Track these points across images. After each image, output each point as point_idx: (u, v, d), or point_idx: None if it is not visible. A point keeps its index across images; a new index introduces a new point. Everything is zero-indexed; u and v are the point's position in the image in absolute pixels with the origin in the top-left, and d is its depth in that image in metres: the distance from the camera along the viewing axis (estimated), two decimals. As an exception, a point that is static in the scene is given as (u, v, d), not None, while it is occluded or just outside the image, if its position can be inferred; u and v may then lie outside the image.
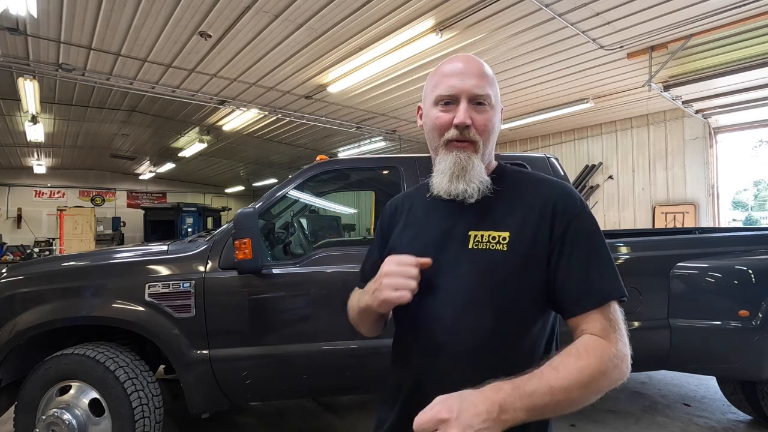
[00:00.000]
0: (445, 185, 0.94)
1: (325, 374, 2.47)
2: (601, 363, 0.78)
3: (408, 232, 1.03)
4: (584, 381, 0.77)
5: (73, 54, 5.99)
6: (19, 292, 2.45)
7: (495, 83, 0.97)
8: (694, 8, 4.67)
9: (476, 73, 0.93)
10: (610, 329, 0.83)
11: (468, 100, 0.92)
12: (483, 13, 4.90)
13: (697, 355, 2.69)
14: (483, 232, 0.92)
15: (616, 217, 9.26)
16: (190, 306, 2.36)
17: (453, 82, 0.93)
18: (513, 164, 1.12)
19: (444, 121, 0.94)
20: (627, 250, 2.81)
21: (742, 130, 8.02)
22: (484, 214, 0.94)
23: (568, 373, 0.76)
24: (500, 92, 1.05)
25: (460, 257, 0.92)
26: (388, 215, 1.13)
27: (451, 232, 0.95)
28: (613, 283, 0.87)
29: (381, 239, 1.12)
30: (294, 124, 9.49)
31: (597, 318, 0.84)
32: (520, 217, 0.92)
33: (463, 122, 0.91)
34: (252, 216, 2.27)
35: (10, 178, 15.03)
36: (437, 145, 0.97)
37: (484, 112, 0.94)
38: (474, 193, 0.93)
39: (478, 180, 0.93)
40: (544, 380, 0.75)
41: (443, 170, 0.95)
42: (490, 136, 0.95)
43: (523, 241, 0.89)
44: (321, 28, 5.30)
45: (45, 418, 2.22)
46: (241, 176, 16.87)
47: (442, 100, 0.94)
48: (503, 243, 0.89)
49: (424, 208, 1.04)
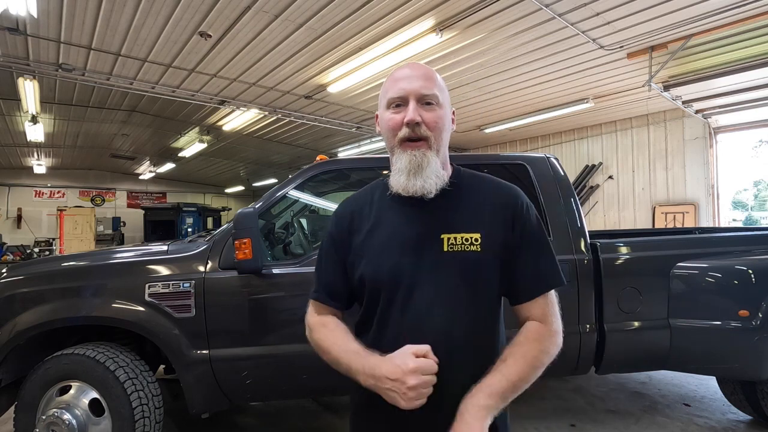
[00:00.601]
0: (403, 183, 0.99)
1: (325, 374, 2.45)
2: (541, 345, 0.97)
3: (376, 239, 1.04)
4: (533, 364, 0.95)
5: (73, 54, 5.99)
6: (19, 292, 2.45)
7: (443, 87, 1.04)
8: (694, 8, 4.67)
9: (422, 76, 1.00)
10: (549, 312, 1.00)
11: (416, 100, 0.98)
12: (483, 13, 4.90)
13: (697, 355, 2.69)
14: (456, 235, 0.99)
15: (616, 217, 9.26)
16: (190, 306, 2.36)
17: (401, 85, 1.00)
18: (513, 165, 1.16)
19: (396, 122, 1.00)
20: (627, 250, 2.81)
21: (742, 130, 8.02)
22: (451, 217, 1.01)
23: (520, 364, 0.94)
24: (500, 92, 1.09)
25: (438, 261, 0.98)
26: (344, 222, 1.11)
27: (423, 236, 1.00)
28: (555, 274, 1.02)
29: (338, 246, 1.10)
30: (294, 124, 9.49)
31: (540, 303, 1.00)
32: (487, 218, 1.01)
33: (413, 119, 0.97)
34: (252, 216, 2.27)
35: (10, 178, 15.03)
36: (393, 145, 1.02)
37: (433, 110, 1.00)
38: (432, 188, 0.98)
39: (435, 176, 0.98)
40: (505, 376, 0.92)
41: (400, 169, 0.99)
42: (441, 133, 1.01)
43: (493, 240, 0.99)
44: (321, 28, 5.30)
45: (45, 418, 2.22)
46: (241, 176, 16.87)
47: (393, 102, 1.01)
48: (476, 244, 0.98)
49: (388, 211, 1.06)
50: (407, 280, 0.98)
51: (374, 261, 1.03)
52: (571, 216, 2.73)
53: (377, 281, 1.02)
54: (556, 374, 3.60)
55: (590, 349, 2.65)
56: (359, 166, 3.17)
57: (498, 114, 8.66)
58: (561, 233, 2.68)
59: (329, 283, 1.11)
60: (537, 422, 3.16)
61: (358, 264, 1.05)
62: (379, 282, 1.01)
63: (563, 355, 2.99)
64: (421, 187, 0.97)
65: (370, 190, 1.14)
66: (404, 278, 0.98)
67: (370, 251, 1.04)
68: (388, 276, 1.00)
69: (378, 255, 1.02)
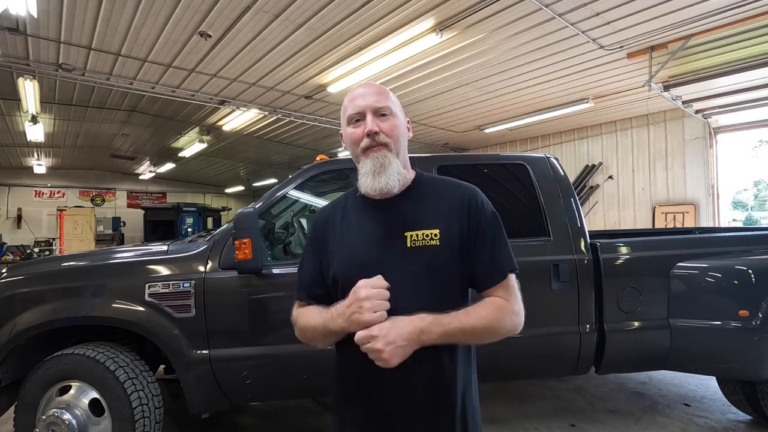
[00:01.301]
0: (370, 183, 1.10)
1: (325, 374, 2.46)
2: (500, 313, 1.06)
3: (346, 240, 1.15)
4: (486, 325, 1.04)
5: (73, 54, 5.99)
6: (19, 292, 2.46)
7: (395, 100, 1.17)
8: (694, 8, 4.67)
9: (375, 92, 1.14)
10: (510, 294, 1.10)
11: (372, 113, 1.11)
12: (483, 13, 4.90)
13: (697, 355, 2.69)
14: (417, 232, 1.09)
15: (616, 217, 9.26)
16: (190, 306, 2.36)
17: (357, 102, 1.13)
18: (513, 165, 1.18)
19: (357, 135, 1.13)
20: (627, 250, 2.81)
21: (742, 130, 8.02)
22: (414, 216, 1.12)
23: (476, 317, 1.03)
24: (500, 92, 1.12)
25: (402, 256, 1.08)
26: (320, 227, 1.23)
27: (389, 235, 1.11)
28: (510, 261, 1.12)
29: (316, 250, 1.21)
30: (294, 124, 9.49)
31: (501, 288, 1.10)
32: (445, 215, 1.12)
33: (371, 129, 1.10)
34: (252, 216, 2.27)
35: (10, 178, 15.03)
36: (357, 154, 1.14)
37: (387, 120, 1.13)
38: (395, 185, 1.10)
39: (396, 173, 1.10)
40: (458, 319, 1.01)
41: (366, 172, 1.11)
42: (398, 138, 1.13)
43: (451, 234, 1.09)
44: (321, 28, 5.30)
45: (45, 418, 2.22)
46: (241, 176, 16.87)
47: (352, 119, 1.14)
48: (436, 239, 1.08)
49: (357, 214, 1.17)
50: (374, 275, 1.05)
51: (344, 260, 1.13)
52: (571, 216, 2.73)
53: (347, 280, 1.08)
54: (556, 374, 3.61)
55: (590, 349, 2.65)
56: (359, 166, 3.17)
57: (498, 114, 8.66)
58: (561, 233, 2.68)
59: (310, 284, 1.21)
60: (537, 422, 3.16)
61: (331, 265, 1.15)
62: (349, 280, 1.07)
63: (563, 355, 2.98)
64: (385, 184, 1.08)
65: (344, 197, 1.25)
66: (371, 275, 1.04)
67: (341, 252, 1.14)
68: (357, 273, 1.06)
69: (347, 255, 1.13)
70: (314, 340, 1.14)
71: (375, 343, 0.95)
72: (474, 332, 1.03)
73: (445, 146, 11.21)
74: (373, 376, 1.03)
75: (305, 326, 1.15)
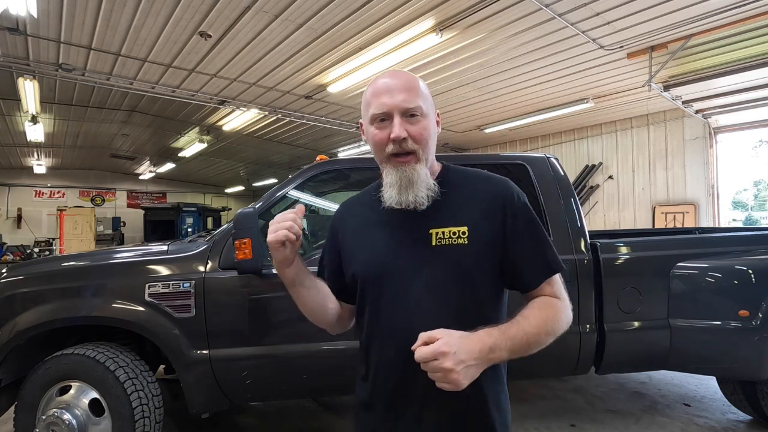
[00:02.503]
0: (395, 197, 1.00)
1: (325, 374, 2.47)
2: (558, 313, 0.98)
3: (367, 237, 1.08)
4: (547, 329, 0.95)
5: (73, 54, 5.99)
6: (19, 292, 2.45)
7: (426, 94, 1.03)
8: (694, 8, 4.67)
9: (404, 88, 0.99)
10: (559, 291, 1.03)
11: (400, 115, 0.98)
12: (483, 13, 4.90)
13: (697, 355, 2.69)
14: (443, 229, 1.00)
15: (616, 217, 9.26)
16: (190, 306, 2.36)
17: (383, 100, 0.99)
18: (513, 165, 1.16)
19: (381, 138, 1.00)
20: (627, 250, 2.81)
21: (742, 130, 8.02)
22: (439, 212, 1.02)
23: (536, 321, 0.94)
24: (500, 92, 1.09)
25: (426, 255, 1.00)
26: (340, 223, 1.17)
27: (413, 233, 1.02)
28: (557, 258, 1.05)
29: (336, 246, 1.16)
30: (294, 124, 9.49)
31: (549, 285, 1.03)
32: (474, 211, 1.02)
33: (399, 136, 0.97)
34: (252, 216, 2.27)
35: (10, 178, 15.03)
36: (381, 159, 1.04)
37: (418, 122, 1.00)
38: (423, 200, 1.00)
39: (425, 188, 1.00)
40: (521, 327, 0.92)
41: (391, 183, 1.01)
42: (428, 142, 1.01)
43: (480, 232, 1.00)
44: (321, 28, 5.30)
45: (45, 418, 2.22)
46: (241, 176, 16.86)
47: (376, 118, 1.01)
48: (463, 237, 0.99)
49: (378, 211, 1.07)
50: (395, 277, 1.00)
51: (364, 258, 1.06)
52: (571, 216, 2.73)
53: (367, 279, 1.04)
54: (556, 374, 3.60)
55: (590, 349, 2.65)
56: (359, 166, 3.17)
57: (498, 114, 8.66)
58: (561, 233, 2.68)
59: (330, 280, 1.16)
60: (537, 422, 3.16)
61: (351, 262, 1.09)
62: (369, 278, 1.04)
63: (563, 355, 2.98)
64: (413, 200, 0.99)
65: (367, 191, 1.17)
66: (392, 276, 1.00)
67: (361, 249, 1.08)
68: (377, 274, 1.02)
69: (368, 252, 1.06)
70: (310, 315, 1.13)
71: (444, 361, 0.80)
72: (538, 340, 0.93)
73: (445, 146, 11.21)
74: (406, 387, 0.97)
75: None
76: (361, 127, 1.10)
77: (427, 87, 1.07)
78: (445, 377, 0.81)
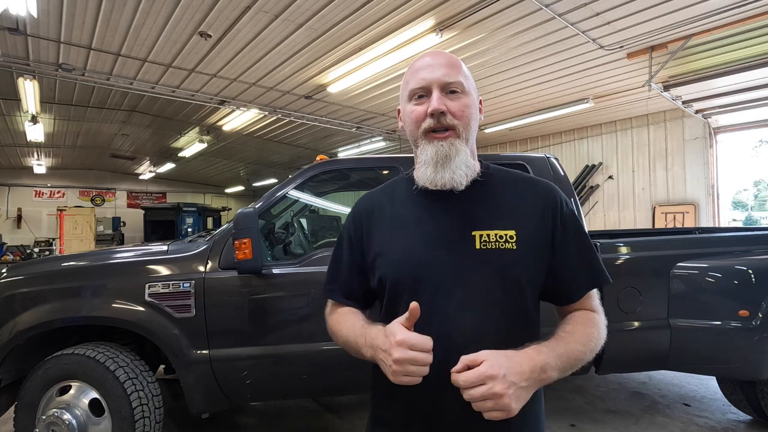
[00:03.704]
0: (430, 175, 0.92)
1: (325, 374, 2.47)
2: (600, 330, 0.94)
3: (399, 236, 0.97)
4: (591, 345, 0.90)
5: (73, 54, 5.99)
6: (19, 292, 2.45)
7: (467, 74, 0.97)
8: (694, 8, 4.68)
9: (445, 64, 0.94)
10: (598, 306, 0.98)
11: (440, 89, 0.92)
12: (483, 13, 4.90)
13: (697, 355, 2.69)
14: (489, 232, 0.91)
15: (616, 217, 9.26)
16: (190, 306, 2.35)
17: (423, 74, 0.93)
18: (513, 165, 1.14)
19: (419, 113, 0.93)
20: (627, 250, 2.81)
21: (742, 130, 8.02)
22: (483, 213, 0.94)
23: (582, 338, 0.89)
24: (500, 92, 1.08)
25: (469, 259, 0.91)
26: (363, 219, 1.04)
27: (452, 233, 0.93)
28: (603, 271, 0.99)
29: (356, 245, 1.04)
30: (294, 124, 9.49)
31: (590, 299, 0.98)
32: (523, 215, 0.94)
33: (437, 109, 0.90)
34: (252, 216, 2.27)
35: (10, 178, 15.03)
36: (416, 137, 0.95)
37: (458, 98, 0.93)
38: (462, 180, 0.92)
39: (465, 166, 0.92)
40: (569, 344, 0.87)
41: (426, 161, 0.93)
42: (469, 121, 0.94)
43: (530, 238, 0.92)
44: (321, 28, 5.30)
45: (45, 418, 2.22)
46: (241, 176, 16.86)
47: (415, 94, 0.95)
48: (512, 242, 0.91)
49: (411, 207, 0.99)
50: (432, 281, 0.91)
51: (395, 261, 0.95)
52: (571, 216, 2.72)
53: (399, 282, 0.94)
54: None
55: (590, 349, 2.64)
56: (359, 166, 3.18)
57: (498, 114, 8.67)
58: (561, 233, 2.67)
59: (344, 284, 1.06)
60: (537, 422, 3.15)
61: (378, 264, 0.98)
62: (401, 283, 0.94)
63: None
64: (450, 179, 0.91)
65: (391, 186, 1.07)
66: (429, 279, 0.91)
67: (391, 251, 0.97)
68: (411, 277, 0.92)
69: (400, 254, 0.95)
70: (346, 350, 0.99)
71: (494, 386, 0.72)
72: (583, 358, 0.87)
73: (445, 146, 11.20)
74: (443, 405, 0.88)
75: (337, 334, 1.02)
76: (398, 114, 1.03)
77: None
78: (496, 404, 0.72)
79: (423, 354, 0.77)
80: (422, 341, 0.78)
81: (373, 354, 0.86)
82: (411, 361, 0.77)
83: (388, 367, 0.80)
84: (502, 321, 0.90)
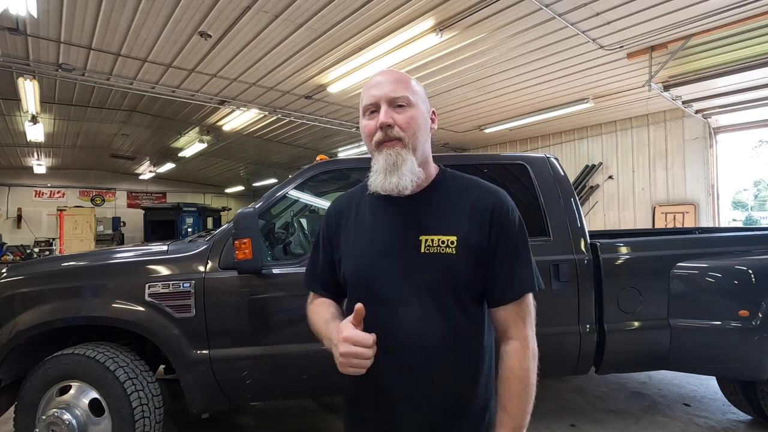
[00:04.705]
0: (380, 181, 1.01)
1: (325, 374, 2.46)
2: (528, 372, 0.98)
3: (359, 238, 1.08)
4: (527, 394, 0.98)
5: (73, 54, 5.99)
6: (19, 292, 2.45)
7: (416, 89, 1.06)
8: (694, 8, 4.67)
9: (392, 80, 1.03)
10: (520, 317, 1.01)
11: (387, 104, 1.01)
12: (483, 13, 4.90)
13: (697, 355, 2.69)
14: (432, 237, 1.00)
15: (616, 217, 9.26)
16: (190, 306, 2.36)
17: (372, 92, 1.03)
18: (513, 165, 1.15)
19: (371, 127, 1.03)
20: (627, 250, 2.81)
21: (742, 130, 8.02)
22: (431, 218, 1.03)
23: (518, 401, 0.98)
24: (500, 92, 1.09)
25: (414, 263, 1.00)
26: (333, 220, 1.17)
27: (402, 238, 1.03)
28: (530, 278, 1.02)
29: (328, 243, 1.17)
30: (294, 124, 9.49)
31: (512, 308, 1.01)
32: (464, 221, 1.02)
33: (384, 122, 0.99)
34: (252, 216, 2.27)
35: (10, 178, 15.03)
36: (371, 149, 1.05)
37: (404, 111, 1.02)
38: (407, 185, 0.99)
39: (410, 172, 1.00)
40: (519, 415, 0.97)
41: (378, 169, 1.02)
42: (416, 132, 1.02)
43: (469, 243, 1.00)
44: (321, 28, 5.30)
45: (45, 418, 2.22)
46: (241, 176, 16.87)
47: (367, 110, 1.04)
48: (452, 246, 0.99)
49: (370, 212, 1.09)
50: (383, 280, 1.01)
51: (355, 260, 1.07)
52: (571, 216, 2.73)
53: (357, 280, 1.06)
54: (556, 374, 3.60)
55: (590, 349, 2.65)
56: (359, 166, 3.17)
57: (498, 114, 8.67)
58: (561, 233, 2.68)
59: (321, 276, 1.18)
60: (537, 422, 3.15)
61: (342, 264, 1.10)
62: (358, 281, 1.05)
63: (563, 356, 2.97)
64: (396, 185, 0.99)
65: (360, 189, 1.16)
66: (381, 278, 1.01)
67: (352, 250, 1.09)
68: (366, 275, 1.04)
69: (359, 254, 1.07)
70: (315, 335, 1.12)
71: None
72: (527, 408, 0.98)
73: (445, 146, 11.21)
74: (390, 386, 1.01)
75: (311, 324, 1.15)
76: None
77: (424, 87, 1.11)
78: None
79: (364, 349, 0.90)
80: (364, 338, 0.90)
81: (329, 346, 0.99)
82: (354, 355, 0.90)
83: (336, 359, 0.93)
84: (440, 318, 0.99)
